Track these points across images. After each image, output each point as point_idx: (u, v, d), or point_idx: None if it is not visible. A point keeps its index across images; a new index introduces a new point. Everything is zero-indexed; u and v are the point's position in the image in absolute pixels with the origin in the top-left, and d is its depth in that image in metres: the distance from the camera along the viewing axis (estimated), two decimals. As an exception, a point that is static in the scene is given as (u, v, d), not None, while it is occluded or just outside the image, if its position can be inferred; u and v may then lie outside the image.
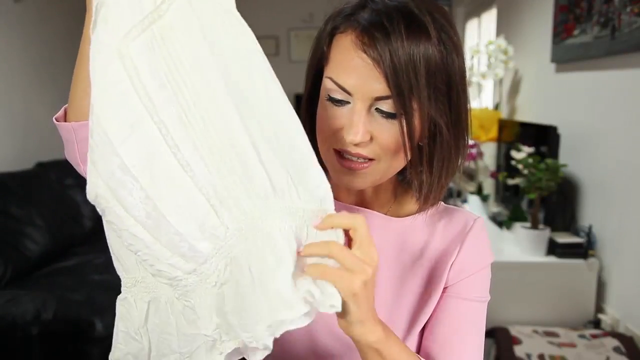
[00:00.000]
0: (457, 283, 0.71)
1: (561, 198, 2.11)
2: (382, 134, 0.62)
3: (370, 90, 0.60)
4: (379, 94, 0.60)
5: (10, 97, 3.69)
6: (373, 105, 0.61)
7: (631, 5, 1.69)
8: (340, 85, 0.62)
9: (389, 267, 0.71)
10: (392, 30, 0.59)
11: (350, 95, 0.62)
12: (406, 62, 0.59)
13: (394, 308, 0.71)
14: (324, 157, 0.67)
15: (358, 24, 0.61)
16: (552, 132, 2.10)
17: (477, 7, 3.88)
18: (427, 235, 0.73)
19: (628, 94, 1.79)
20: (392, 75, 0.59)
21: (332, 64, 0.63)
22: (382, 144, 0.63)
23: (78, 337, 2.12)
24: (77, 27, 2.93)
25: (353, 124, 0.61)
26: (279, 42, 6.04)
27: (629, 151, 1.77)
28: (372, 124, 0.62)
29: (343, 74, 0.61)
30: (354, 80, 0.61)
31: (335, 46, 0.64)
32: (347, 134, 0.62)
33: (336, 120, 0.63)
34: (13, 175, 2.80)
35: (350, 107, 0.62)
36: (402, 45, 0.58)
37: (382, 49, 0.58)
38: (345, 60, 0.61)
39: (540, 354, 1.62)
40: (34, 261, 2.57)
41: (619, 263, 1.84)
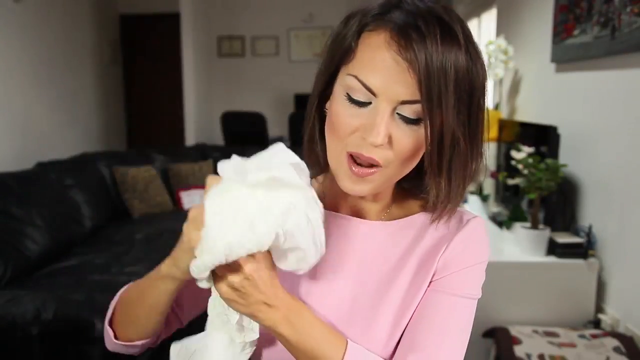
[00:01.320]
0: (444, 277, 0.69)
1: (561, 198, 2.11)
2: (401, 139, 0.61)
3: (398, 92, 0.59)
4: (406, 98, 0.59)
5: (10, 97, 3.69)
6: (396, 108, 0.60)
7: (631, 5, 1.69)
8: (366, 84, 0.60)
9: (377, 269, 0.71)
10: (428, 34, 0.57)
11: (375, 96, 0.60)
12: (439, 68, 0.57)
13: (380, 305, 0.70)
14: (336, 158, 0.65)
15: (392, 24, 0.59)
16: (552, 132, 2.10)
17: (477, 7, 3.88)
18: (418, 232, 0.72)
19: (628, 94, 1.79)
20: (426, 79, 0.57)
21: (359, 62, 0.61)
22: (398, 149, 0.62)
23: (78, 337, 2.12)
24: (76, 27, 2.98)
25: (375, 124, 0.60)
26: (279, 42, 6.04)
27: (629, 151, 1.77)
28: (392, 127, 0.61)
29: (370, 73, 0.60)
30: (382, 81, 0.59)
31: (364, 44, 0.61)
32: (369, 134, 0.60)
33: (354, 121, 0.62)
34: (13, 175, 2.80)
35: (373, 108, 0.61)
36: (436, 49, 0.57)
37: (418, 51, 0.57)
38: (375, 59, 0.60)
39: (540, 354, 1.62)
40: (34, 261, 2.57)
41: (619, 263, 1.84)
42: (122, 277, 2.47)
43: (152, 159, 3.96)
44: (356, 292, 0.71)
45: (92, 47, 5.11)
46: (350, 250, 0.72)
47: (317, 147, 0.71)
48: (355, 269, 0.71)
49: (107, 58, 5.51)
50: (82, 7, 4.87)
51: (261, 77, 6.09)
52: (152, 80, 6.04)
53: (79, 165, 3.42)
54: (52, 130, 4.27)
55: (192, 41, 5.18)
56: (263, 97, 6.07)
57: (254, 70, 6.10)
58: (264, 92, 6.08)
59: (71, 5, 4.60)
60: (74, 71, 4.70)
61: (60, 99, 4.42)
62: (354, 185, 0.64)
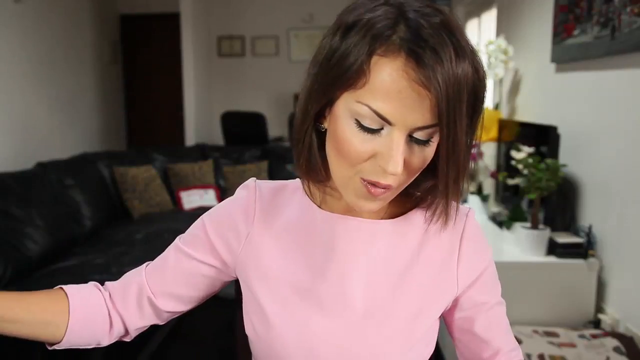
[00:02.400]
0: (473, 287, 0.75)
1: (561, 198, 2.11)
2: (414, 160, 0.61)
3: (414, 120, 0.58)
4: (422, 124, 0.58)
5: (10, 97, 3.69)
6: (412, 133, 0.59)
7: (631, 5, 1.69)
8: (381, 115, 0.57)
9: (382, 272, 0.72)
10: (444, 55, 0.55)
11: (390, 125, 0.58)
12: (455, 89, 0.56)
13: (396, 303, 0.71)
14: (346, 181, 0.63)
15: (406, 48, 0.56)
16: (552, 132, 2.10)
17: (477, 7, 3.88)
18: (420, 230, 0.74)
19: (628, 94, 1.79)
20: (445, 103, 0.56)
21: (371, 90, 0.57)
22: (410, 169, 0.62)
23: (78, 337, 2.12)
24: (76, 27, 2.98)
25: (392, 155, 0.58)
26: (279, 42, 6.04)
27: (629, 151, 1.77)
28: (407, 152, 0.60)
29: (386, 103, 0.57)
30: (399, 111, 0.57)
31: (377, 71, 0.57)
32: (386, 164, 0.58)
33: (367, 146, 0.59)
34: (13, 175, 2.80)
35: (387, 135, 0.59)
36: (450, 67, 0.55)
37: (438, 76, 0.55)
38: (391, 90, 0.56)
39: (540, 354, 1.62)
40: (34, 261, 2.57)
41: (619, 263, 1.84)
42: (122, 277, 2.48)
43: (152, 159, 3.96)
44: (368, 293, 0.71)
45: (92, 47, 5.11)
46: (356, 250, 0.72)
47: (316, 161, 0.68)
48: (364, 269, 0.71)
49: (107, 58, 5.51)
50: (82, 7, 4.87)
51: (261, 77, 6.09)
52: (152, 80, 6.04)
53: (79, 165, 3.42)
54: (52, 130, 4.27)
55: (192, 41, 5.18)
56: (263, 97, 6.07)
57: (254, 70, 6.10)
58: (264, 92, 6.08)
59: (71, 5, 4.60)
60: (74, 71, 4.70)
61: (60, 99, 4.42)
62: (365, 202, 0.63)
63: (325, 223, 0.73)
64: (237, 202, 0.78)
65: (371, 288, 0.70)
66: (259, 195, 0.77)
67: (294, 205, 0.76)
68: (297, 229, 0.74)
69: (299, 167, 0.70)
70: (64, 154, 3.88)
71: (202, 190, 3.92)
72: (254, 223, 0.75)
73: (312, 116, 0.65)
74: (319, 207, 0.74)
